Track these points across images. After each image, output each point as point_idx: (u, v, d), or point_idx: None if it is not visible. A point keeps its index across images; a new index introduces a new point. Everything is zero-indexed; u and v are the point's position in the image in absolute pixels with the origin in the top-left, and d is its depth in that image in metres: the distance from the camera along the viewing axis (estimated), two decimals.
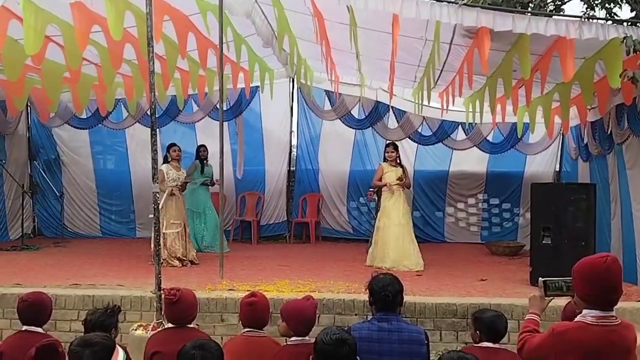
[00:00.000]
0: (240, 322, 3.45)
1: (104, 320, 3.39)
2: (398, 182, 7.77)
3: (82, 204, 10.54)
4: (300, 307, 3.35)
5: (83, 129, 10.36)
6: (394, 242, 7.56)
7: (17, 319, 3.57)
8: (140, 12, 5.42)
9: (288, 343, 3.26)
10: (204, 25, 5.94)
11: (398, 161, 7.99)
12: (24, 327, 3.47)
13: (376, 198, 8.05)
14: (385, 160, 8.04)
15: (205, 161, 9.02)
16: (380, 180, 7.91)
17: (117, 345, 2.54)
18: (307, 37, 6.70)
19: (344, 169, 10.59)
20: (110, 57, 6.31)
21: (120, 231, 10.53)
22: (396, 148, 8.07)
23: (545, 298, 2.78)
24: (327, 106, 10.44)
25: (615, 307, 2.48)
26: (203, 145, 9.20)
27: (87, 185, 10.54)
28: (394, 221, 7.64)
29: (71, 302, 5.60)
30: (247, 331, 3.35)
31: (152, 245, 6.72)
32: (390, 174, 7.82)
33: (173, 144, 8.15)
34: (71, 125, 10.30)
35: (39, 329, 3.46)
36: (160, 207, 5.68)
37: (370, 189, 8.20)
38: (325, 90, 10.23)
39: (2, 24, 5.32)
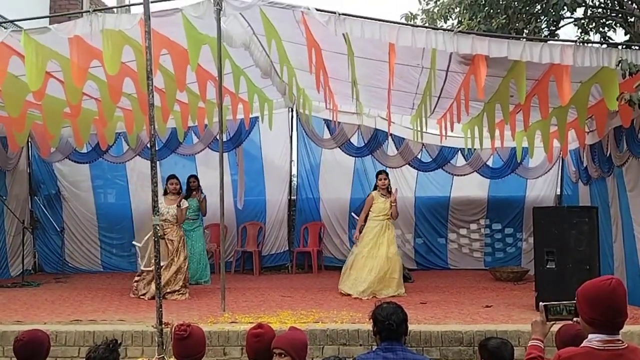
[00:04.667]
0: (247, 354, 3.39)
1: (108, 356, 3.34)
2: (385, 216, 7.66)
3: (83, 238, 10.51)
4: (300, 337, 3.31)
5: (84, 163, 10.37)
6: (379, 275, 7.48)
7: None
8: (138, 45, 5.49)
9: None
10: (202, 57, 6.00)
11: (389, 189, 7.91)
12: None
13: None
14: (375, 188, 7.95)
15: (195, 192, 8.90)
16: (369, 208, 7.75)
17: None
18: (305, 67, 6.78)
19: (345, 197, 10.58)
20: (110, 91, 6.37)
21: (122, 265, 10.46)
22: (387, 175, 8.00)
23: (547, 323, 2.75)
24: (327, 135, 10.48)
25: (621, 330, 2.45)
26: (193, 176, 9.14)
27: (88, 220, 10.52)
28: (381, 253, 7.55)
29: (72, 338, 5.53)
30: None
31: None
32: (380, 205, 7.76)
33: (171, 176, 8.06)
34: (72, 160, 10.33)
35: None
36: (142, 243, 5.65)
37: (357, 218, 8.03)
38: (324, 119, 10.28)
39: (2, 61, 5.39)
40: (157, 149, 5.17)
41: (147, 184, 8.38)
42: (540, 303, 2.81)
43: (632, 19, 9.65)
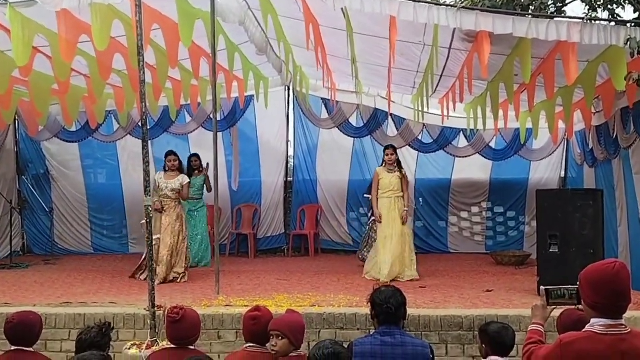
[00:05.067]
0: (243, 336, 3.43)
1: (100, 340, 3.37)
2: (406, 210, 7.62)
3: (72, 219, 10.52)
4: (298, 320, 3.34)
5: (73, 142, 10.35)
6: (396, 253, 7.54)
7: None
8: (128, 20, 5.44)
9: (291, 356, 3.23)
10: (195, 32, 5.95)
11: (398, 163, 7.87)
12: (13, 347, 3.44)
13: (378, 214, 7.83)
14: (383, 164, 7.93)
15: (196, 171, 8.94)
16: (377, 186, 7.75)
17: None
18: (302, 43, 6.74)
19: (343, 178, 10.59)
20: (99, 67, 6.33)
21: (113, 247, 10.49)
22: (395, 150, 7.97)
23: (548, 307, 2.77)
24: (324, 114, 10.45)
25: (625, 316, 2.47)
26: (195, 155, 9.16)
27: (77, 200, 10.52)
28: (397, 231, 7.60)
29: (62, 321, 5.57)
30: (249, 346, 3.32)
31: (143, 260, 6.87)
32: (385, 180, 7.74)
33: (169, 153, 8.02)
34: (60, 139, 10.29)
35: (29, 349, 3.44)
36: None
37: (366, 196, 8.01)
38: (322, 98, 10.25)
39: None
40: (148, 127, 5.16)
41: (138, 164, 8.33)
42: (542, 287, 2.83)
43: None
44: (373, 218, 8.19)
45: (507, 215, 10.57)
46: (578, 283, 2.51)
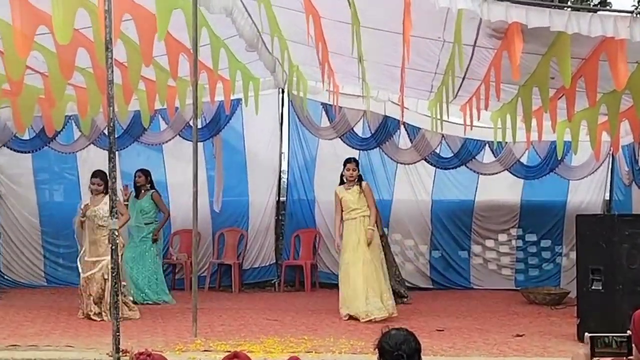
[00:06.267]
0: None
1: None
2: (371, 228, 7.73)
3: (22, 245, 10.48)
4: None
5: (25, 152, 10.35)
6: (362, 284, 7.56)
7: None
8: (95, 9, 5.46)
9: None
10: (173, 24, 5.98)
11: (359, 181, 7.99)
12: None
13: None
14: (342, 182, 8.03)
15: (142, 191, 8.91)
16: (340, 208, 7.86)
17: None
18: (300, 39, 6.77)
19: None
20: (60, 64, 6.34)
21: (70, 279, 10.38)
22: (357, 165, 8.13)
23: (593, 358, 2.75)
24: (325, 122, 10.50)
25: None
26: (138, 170, 9.10)
27: (28, 223, 10.48)
28: (358, 256, 7.63)
29: None
30: None
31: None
32: (348, 197, 7.85)
33: (94, 174, 7.87)
34: (10, 149, 10.29)
35: None
36: None
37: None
38: (322, 103, 10.30)
39: None
40: (116, 136, 5.15)
41: None
42: (586, 334, 2.82)
43: None
44: None
45: (540, 244, 10.57)
46: (630, 328, 2.49)
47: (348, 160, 8.14)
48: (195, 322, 6.44)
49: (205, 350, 5.86)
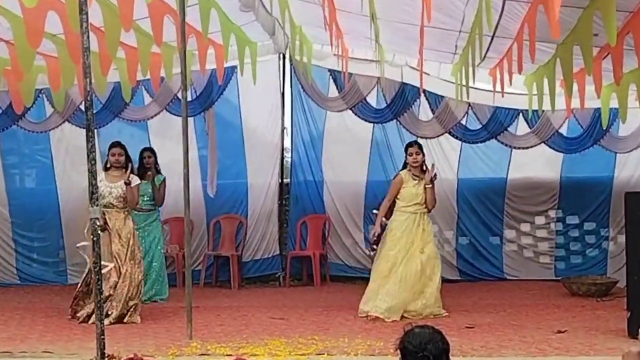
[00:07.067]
0: None
1: None
2: (419, 205, 7.75)
3: None
4: None
5: None
6: (410, 285, 7.58)
7: None
8: None
9: None
10: None
11: (424, 168, 7.96)
12: None
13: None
14: (405, 167, 8.02)
15: (149, 172, 8.91)
16: (397, 195, 7.83)
17: None
18: None
19: (359, 179, 10.63)
20: (27, 31, 6.33)
21: (46, 276, 10.51)
22: (421, 148, 8.05)
23: None
24: (333, 92, 10.48)
25: None
26: (148, 149, 9.20)
27: None
28: (415, 256, 7.64)
29: None
30: None
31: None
32: (410, 190, 7.79)
33: (114, 144, 8.00)
34: None
35: None
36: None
37: (375, 212, 8.10)
38: (329, 70, 10.28)
39: None
40: (94, 112, 5.16)
41: (80, 162, 8.37)
42: (639, 329, 2.83)
43: None
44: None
45: (583, 227, 10.57)
46: None
47: (409, 145, 8.12)
48: (190, 323, 6.49)
49: (202, 354, 5.92)
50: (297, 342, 6.33)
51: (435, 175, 7.91)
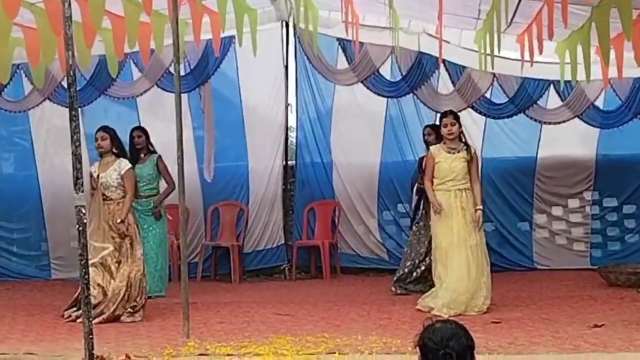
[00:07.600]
0: None
1: None
2: (479, 208, 7.65)
3: None
4: None
5: None
6: (460, 271, 7.55)
7: None
8: None
9: None
10: None
11: (463, 140, 7.85)
12: None
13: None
14: (428, 147, 8.02)
15: (142, 154, 8.89)
16: (432, 173, 7.74)
17: None
18: None
19: (372, 161, 10.64)
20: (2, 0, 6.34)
21: (27, 271, 10.57)
22: (457, 119, 7.88)
23: None
24: (342, 63, 10.46)
25: None
26: (137, 128, 9.15)
27: None
28: (461, 239, 7.59)
29: None
30: None
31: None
32: (444, 165, 7.72)
33: (98, 129, 7.92)
34: None
35: None
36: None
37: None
38: (338, 39, 10.26)
39: None
40: (77, 89, 5.16)
41: (63, 144, 8.38)
42: None
43: None
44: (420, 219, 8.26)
45: (622, 211, 10.59)
46: None
47: (444, 115, 7.98)
48: (187, 320, 6.50)
49: (200, 355, 5.92)
50: (305, 340, 6.32)
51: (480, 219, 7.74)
